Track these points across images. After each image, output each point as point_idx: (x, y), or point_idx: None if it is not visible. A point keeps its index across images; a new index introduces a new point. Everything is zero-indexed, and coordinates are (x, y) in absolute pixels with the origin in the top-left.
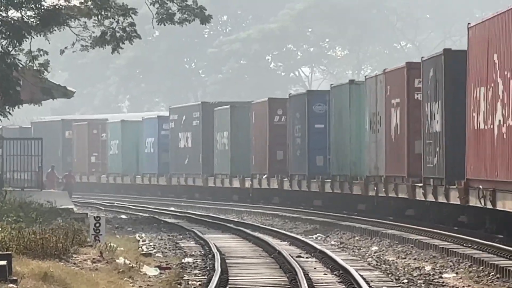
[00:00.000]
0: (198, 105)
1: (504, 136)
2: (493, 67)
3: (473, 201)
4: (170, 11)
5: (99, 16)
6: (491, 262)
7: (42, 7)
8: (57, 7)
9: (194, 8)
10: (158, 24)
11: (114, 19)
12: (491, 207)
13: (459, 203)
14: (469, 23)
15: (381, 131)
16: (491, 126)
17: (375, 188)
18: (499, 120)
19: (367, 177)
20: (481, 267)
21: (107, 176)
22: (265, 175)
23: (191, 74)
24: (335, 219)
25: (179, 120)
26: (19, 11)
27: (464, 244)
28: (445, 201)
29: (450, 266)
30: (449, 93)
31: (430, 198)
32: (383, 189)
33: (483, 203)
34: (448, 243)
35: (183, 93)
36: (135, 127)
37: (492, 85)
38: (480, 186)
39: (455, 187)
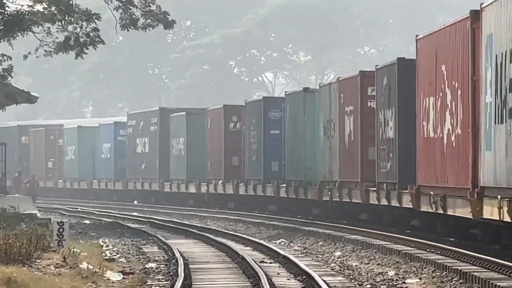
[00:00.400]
0: (156, 111)
1: (453, 145)
2: (441, 78)
3: (425, 207)
4: (133, 16)
5: (63, 22)
6: (454, 267)
7: (6, 13)
8: (20, 12)
9: (158, 14)
10: (121, 30)
11: (78, 25)
12: (442, 212)
13: (411, 207)
14: (417, 35)
15: (335, 138)
16: (441, 135)
17: (329, 193)
18: (448, 129)
19: (322, 182)
20: (445, 272)
21: (64, 181)
22: (221, 181)
23: (155, 80)
24: (298, 224)
25: (137, 126)
26: None
27: (428, 250)
28: (398, 205)
29: (414, 271)
30: (402, 100)
31: (384, 202)
32: (337, 194)
33: (434, 209)
34: (412, 249)
35: (147, 98)
36: (91, 133)
37: (441, 94)
38: (431, 192)
39: (407, 191)
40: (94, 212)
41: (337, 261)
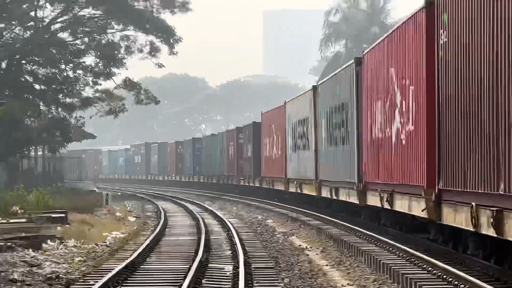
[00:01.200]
0: (143, 144)
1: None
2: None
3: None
4: (140, 98)
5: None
6: (302, 218)
7: (82, 96)
8: (89, 97)
9: (153, 97)
10: (135, 104)
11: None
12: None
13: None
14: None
15: (224, 156)
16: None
17: (227, 180)
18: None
19: (219, 176)
20: (298, 223)
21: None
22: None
23: (146, 126)
24: (219, 195)
25: (148, 150)
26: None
27: (285, 207)
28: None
29: (271, 217)
30: (254, 140)
31: (249, 183)
32: (222, 181)
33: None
34: (272, 207)
35: (140, 135)
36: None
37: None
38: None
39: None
40: (132, 191)
41: (234, 212)
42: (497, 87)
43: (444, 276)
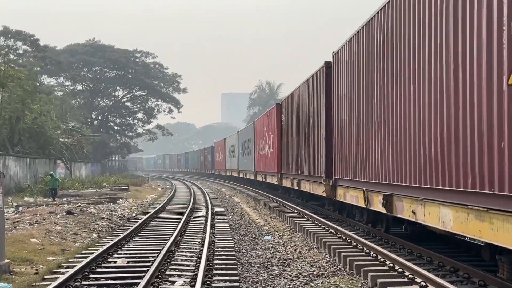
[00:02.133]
0: (164, 154)
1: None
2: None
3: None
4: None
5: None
6: (263, 200)
7: (136, 132)
8: (140, 132)
9: (169, 132)
10: (161, 136)
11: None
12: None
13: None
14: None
15: (200, 159)
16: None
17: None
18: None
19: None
20: (257, 201)
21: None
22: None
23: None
24: (197, 178)
25: (167, 157)
26: (131, 133)
27: (253, 189)
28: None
29: (237, 195)
30: (213, 152)
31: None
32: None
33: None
34: (241, 187)
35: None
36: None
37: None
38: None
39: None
40: (158, 176)
41: (212, 187)
42: (297, 137)
43: (311, 219)
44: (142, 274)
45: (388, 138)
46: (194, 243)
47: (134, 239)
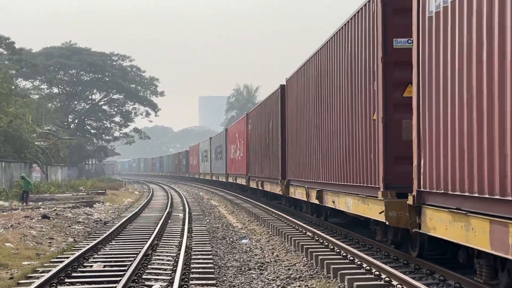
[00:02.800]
0: (140, 158)
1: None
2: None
3: (252, 185)
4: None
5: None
6: (238, 202)
7: (113, 136)
8: (117, 136)
9: (147, 136)
10: (139, 139)
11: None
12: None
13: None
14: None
15: (175, 163)
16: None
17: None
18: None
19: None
20: (235, 204)
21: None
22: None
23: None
24: (174, 181)
25: (141, 161)
26: (107, 136)
27: (228, 192)
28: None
29: (215, 198)
30: (188, 157)
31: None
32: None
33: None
34: (220, 191)
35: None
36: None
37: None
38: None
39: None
40: (135, 180)
41: (190, 191)
42: (260, 145)
43: (278, 217)
44: (118, 279)
45: (318, 149)
46: (171, 247)
47: (110, 243)
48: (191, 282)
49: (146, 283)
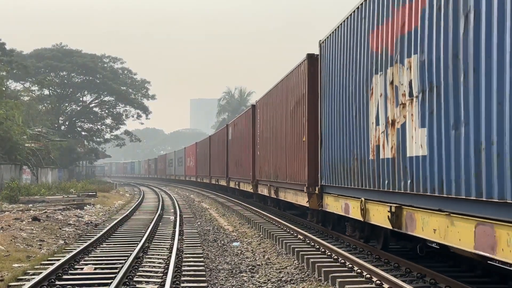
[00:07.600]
0: (131, 162)
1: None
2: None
3: (232, 185)
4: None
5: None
6: (226, 203)
7: (104, 138)
8: (108, 138)
9: (138, 138)
10: (130, 142)
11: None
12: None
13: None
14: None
15: (167, 165)
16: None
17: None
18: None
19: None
20: (226, 207)
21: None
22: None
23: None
24: (176, 185)
25: (133, 163)
26: (98, 139)
27: (220, 195)
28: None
29: (206, 201)
30: (180, 159)
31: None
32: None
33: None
34: (208, 193)
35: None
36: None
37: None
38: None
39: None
40: (126, 182)
41: (180, 193)
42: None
43: (254, 212)
44: (109, 281)
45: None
46: (162, 250)
47: (101, 246)
48: (182, 284)
49: (137, 285)
